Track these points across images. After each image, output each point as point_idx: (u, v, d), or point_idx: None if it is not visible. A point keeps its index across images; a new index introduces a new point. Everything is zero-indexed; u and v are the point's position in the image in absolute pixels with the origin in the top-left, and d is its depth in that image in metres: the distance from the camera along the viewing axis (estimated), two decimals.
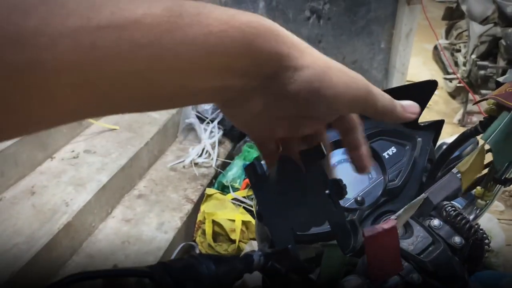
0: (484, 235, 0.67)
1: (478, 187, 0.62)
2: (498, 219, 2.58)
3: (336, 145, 0.74)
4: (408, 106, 0.38)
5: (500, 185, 0.61)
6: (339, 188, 0.41)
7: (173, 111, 2.59)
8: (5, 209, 1.71)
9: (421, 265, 0.59)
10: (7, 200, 1.76)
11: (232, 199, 2.12)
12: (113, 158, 2.07)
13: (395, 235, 0.55)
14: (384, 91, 0.72)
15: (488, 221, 2.27)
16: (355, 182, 0.71)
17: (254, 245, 1.92)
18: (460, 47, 3.99)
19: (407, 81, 3.06)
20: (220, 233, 2.02)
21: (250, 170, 0.39)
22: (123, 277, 0.31)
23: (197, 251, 2.05)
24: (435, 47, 4.14)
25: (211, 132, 2.59)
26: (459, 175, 0.61)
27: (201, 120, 2.62)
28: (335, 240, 0.40)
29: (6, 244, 1.55)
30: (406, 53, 2.55)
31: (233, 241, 1.97)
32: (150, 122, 2.44)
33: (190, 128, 2.65)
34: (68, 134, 2.14)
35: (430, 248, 0.62)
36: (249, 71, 0.29)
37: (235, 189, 2.19)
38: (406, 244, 0.62)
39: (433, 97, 3.28)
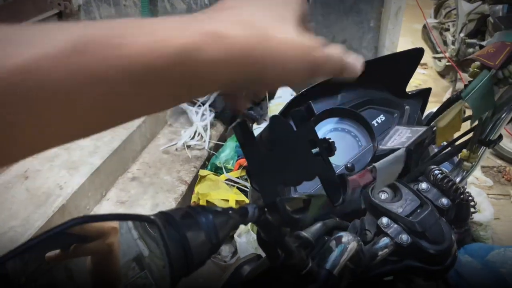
0: (470, 197, 0.69)
1: (464, 150, 0.65)
2: (487, 194, 2.63)
3: (329, 114, 0.76)
4: (354, 60, 0.37)
5: (484, 147, 0.63)
6: (329, 145, 0.43)
7: None
8: (0, 193, 1.72)
9: (410, 226, 0.61)
10: (0, 185, 1.76)
11: (226, 179, 2.13)
12: (105, 142, 2.07)
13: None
14: (372, 60, 0.73)
15: (477, 195, 2.32)
16: (345, 150, 0.73)
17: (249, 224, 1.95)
18: (448, 26, 4.00)
19: None
20: None
21: (238, 128, 0.40)
22: (126, 220, 0.33)
23: None
24: (424, 27, 4.15)
25: (203, 115, 2.59)
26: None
27: (192, 103, 2.62)
28: (326, 193, 0.42)
29: (2, 227, 1.56)
30: (395, 31, 2.56)
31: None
32: None
33: (181, 111, 2.65)
34: None
35: (418, 210, 0.64)
36: (191, 87, 0.29)
37: (228, 170, 2.21)
38: (395, 207, 0.64)
39: (423, 76, 3.32)
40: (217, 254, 2.03)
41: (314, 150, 0.42)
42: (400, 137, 0.64)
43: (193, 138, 2.47)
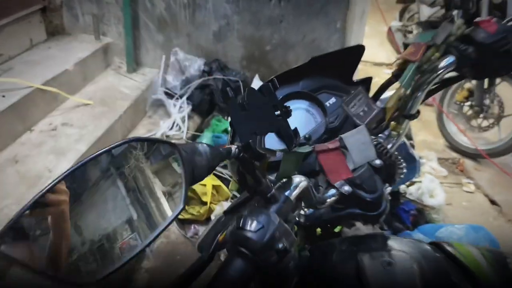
0: (398, 161, 0.89)
1: (392, 122, 0.85)
2: (442, 183, 2.89)
3: (292, 96, 0.95)
4: None
5: (407, 120, 0.83)
6: (287, 110, 0.62)
7: (143, 87, 2.74)
8: None
9: (351, 179, 0.80)
10: None
11: None
12: (89, 130, 2.21)
13: (338, 151, 0.77)
14: (317, 57, 0.93)
15: (431, 182, 2.57)
16: (304, 124, 0.92)
17: (224, 206, 2.13)
18: (411, 28, 4.28)
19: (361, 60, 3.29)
20: (192, 197, 2.21)
21: (224, 93, 0.58)
22: (163, 143, 0.51)
23: None
24: (389, 29, 4.42)
25: (181, 107, 2.75)
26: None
27: (170, 96, 2.77)
28: (284, 142, 0.60)
29: None
30: (359, 32, 2.78)
31: (205, 203, 2.16)
32: (122, 98, 2.58)
33: (159, 104, 2.80)
34: (45, 108, 2.26)
35: (358, 168, 0.83)
36: None
37: None
38: None
39: (388, 76, 3.54)
40: (195, 234, 2.20)
41: (276, 112, 0.61)
42: (359, 105, 0.83)
43: (171, 128, 2.63)
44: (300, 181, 0.68)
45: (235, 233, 0.56)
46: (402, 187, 2.51)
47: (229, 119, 2.77)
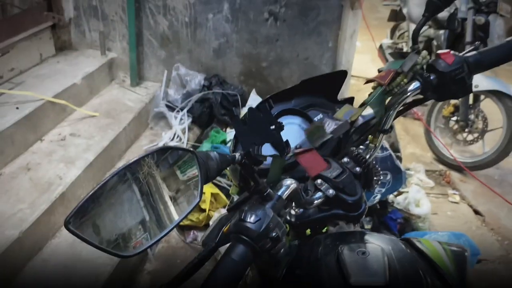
0: (375, 169, 1.04)
1: (370, 136, 1.00)
2: (428, 193, 3.04)
3: (285, 112, 1.10)
4: None
5: (381, 134, 0.98)
6: (279, 125, 0.77)
7: (146, 100, 2.89)
8: (6, 182, 1.97)
9: (335, 184, 0.94)
10: (6, 175, 2.02)
11: None
12: (96, 140, 2.36)
13: (313, 151, 0.91)
14: (307, 79, 1.08)
15: (417, 192, 2.71)
16: (296, 137, 1.07)
17: (222, 213, 2.27)
18: (402, 46, 4.47)
19: (353, 75, 3.48)
20: None
21: (230, 112, 0.74)
22: (181, 150, 0.66)
23: None
24: (380, 46, 4.60)
25: (181, 119, 2.90)
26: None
27: (171, 108, 2.92)
28: (277, 150, 0.75)
29: (12, 209, 1.82)
30: (350, 51, 2.95)
31: (204, 210, 2.30)
32: (126, 110, 2.73)
33: (161, 116, 2.95)
34: (54, 119, 2.41)
35: (341, 175, 0.97)
36: None
37: None
38: (327, 173, 0.97)
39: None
40: (194, 239, 2.34)
41: (271, 127, 0.76)
42: (328, 127, 0.99)
43: (172, 139, 2.78)
44: (290, 183, 0.83)
45: (237, 224, 0.71)
46: (390, 197, 2.66)
47: (228, 131, 2.91)
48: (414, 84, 0.91)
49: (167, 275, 2.15)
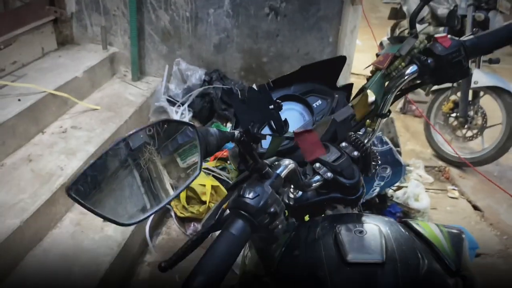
0: (373, 153, 1.05)
1: (367, 120, 1.01)
2: (427, 189, 3.06)
3: (285, 98, 1.11)
4: None
5: (379, 118, 1.00)
6: (279, 105, 0.78)
7: (147, 94, 2.90)
8: (8, 173, 1.99)
9: (333, 167, 0.96)
10: (8, 166, 2.04)
11: (203, 168, 2.46)
12: (97, 133, 2.37)
13: (313, 132, 0.93)
14: (307, 65, 1.10)
15: (416, 187, 2.73)
16: (294, 121, 1.08)
17: None
18: None
19: (352, 73, 3.49)
20: (192, 197, 2.37)
21: (229, 91, 0.75)
22: (183, 124, 0.67)
23: (173, 213, 2.39)
24: (380, 44, 4.61)
25: (182, 114, 2.91)
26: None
27: (172, 103, 2.94)
28: (276, 129, 0.77)
29: (13, 199, 1.83)
30: (351, 46, 2.97)
31: (204, 203, 2.31)
32: (127, 104, 2.75)
33: (162, 111, 2.96)
34: (56, 112, 2.42)
35: (339, 158, 0.98)
36: None
37: (205, 161, 2.54)
38: (325, 156, 0.99)
39: None
40: (195, 231, 2.35)
41: (270, 107, 0.78)
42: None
43: None
44: (289, 163, 0.84)
45: (237, 200, 0.72)
46: (390, 191, 2.67)
47: (228, 125, 2.92)
48: (412, 68, 0.92)
49: None
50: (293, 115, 1.10)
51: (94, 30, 3.01)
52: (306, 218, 1.12)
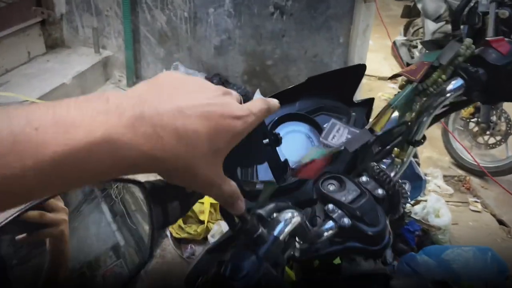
0: (403, 190, 0.82)
1: (395, 149, 0.78)
2: (447, 201, 2.81)
3: (288, 118, 0.89)
4: (238, 206, 0.46)
5: (411, 146, 0.77)
6: (276, 137, 0.56)
7: None
8: None
9: (351, 211, 0.73)
10: None
11: None
12: None
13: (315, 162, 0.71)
14: (315, 76, 0.87)
15: (436, 201, 2.49)
16: (300, 148, 0.86)
17: (222, 225, 2.06)
18: (416, 43, 4.23)
19: (365, 74, 3.24)
20: (189, 216, 2.15)
21: None
22: (125, 183, 0.45)
23: (168, 233, 2.17)
24: (394, 43, 4.36)
25: None
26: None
27: None
28: (272, 175, 0.54)
29: None
30: (363, 47, 2.73)
31: (202, 222, 2.10)
32: None
33: None
34: None
35: (358, 199, 0.76)
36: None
37: None
38: (340, 196, 0.76)
39: (393, 91, 3.49)
40: (192, 254, 2.13)
41: (264, 141, 0.55)
42: (340, 135, 0.77)
43: None
44: (292, 216, 0.61)
45: (216, 281, 0.50)
46: (407, 206, 2.44)
47: None
48: (456, 82, 0.69)
49: None
50: (298, 139, 0.87)
51: (85, 32, 2.80)
52: (316, 262, 0.90)
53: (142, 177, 0.45)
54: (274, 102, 0.47)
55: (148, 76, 2.90)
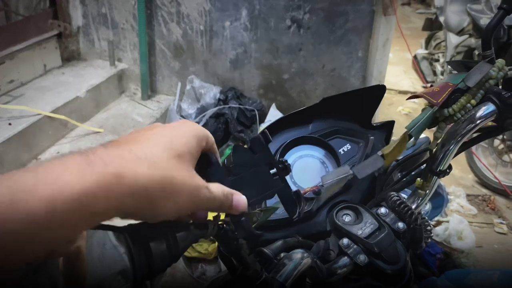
0: (426, 222, 0.75)
1: (418, 179, 0.71)
2: (470, 222, 2.69)
3: (300, 141, 0.82)
4: (235, 204, 0.43)
5: (435, 176, 0.69)
6: (285, 166, 0.49)
7: (157, 115, 2.66)
8: None
9: (368, 247, 0.66)
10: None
11: None
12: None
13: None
14: (341, 94, 0.80)
15: (459, 223, 2.37)
16: (314, 174, 0.79)
17: None
18: (438, 56, 4.12)
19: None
20: None
21: (205, 160, 0.45)
22: (100, 229, 0.39)
23: None
24: (415, 57, 4.27)
25: None
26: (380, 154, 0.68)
27: None
28: (284, 208, 0.48)
29: None
30: (383, 61, 2.65)
31: (214, 241, 2.03)
32: (134, 126, 2.51)
33: None
34: (53, 135, 2.19)
35: (377, 233, 0.69)
36: (92, 224, 0.33)
37: None
38: (356, 229, 0.69)
39: (413, 105, 3.37)
40: (203, 274, 2.07)
41: (272, 171, 0.49)
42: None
43: None
44: (301, 257, 0.55)
45: None
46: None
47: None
48: (487, 108, 0.62)
49: None
50: (312, 165, 0.80)
51: (102, 45, 2.79)
52: None
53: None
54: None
55: (163, 89, 2.88)
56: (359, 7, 2.38)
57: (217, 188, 0.41)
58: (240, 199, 0.43)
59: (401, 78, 4.63)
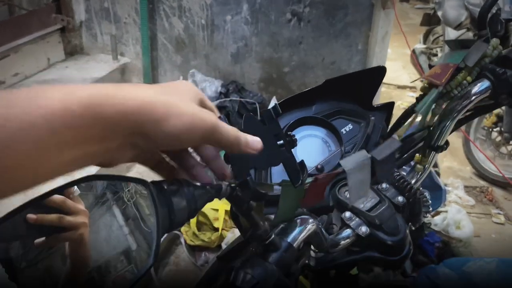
0: (425, 198, 0.78)
1: (417, 154, 0.74)
2: (469, 212, 2.73)
3: (304, 121, 0.86)
4: (251, 142, 0.44)
5: (433, 152, 0.73)
6: (291, 139, 0.53)
7: None
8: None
9: (369, 219, 0.70)
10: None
11: None
12: None
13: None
14: (343, 76, 0.83)
15: (457, 213, 2.41)
16: (316, 153, 0.83)
17: (236, 233, 2.03)
18: (436, 51, 4.16)
19: (384, 83, 3.20)
20: (204, 223, 2.12)
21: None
22: (126, 181, 0.43)
23: (182, 241, 2.15)
24: (413, 51, 4.30)
25: None
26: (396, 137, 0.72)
27: None
28: (288, 177, 0.51)
29: None
30: (382, 54, 2.69)
31: (217, 229, 2.07)
32: None
33: None
34: None
35: (377, 206, 0.72)
36: (105, 136, 0.33)
37: None
38: (358, 203, 0.73)
39: (411, 99, 3.42)
40: (206, 262, 2.10)
41: (279, 142, 0.52)
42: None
43: None
44: (307, 222, 0.58)
45: None
46: (427, 217, 2.37)
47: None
48: (482, 84, 0.66)
49: None
50: (315, 144, 0.84)
51: (104, 39, 2.82)
52: (332, 272, 0.86)
53: (147, 178, 0.43)
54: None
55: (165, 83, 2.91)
56: (359, 1, 2.42)
57: (229, 126, 0.42)
58: (255, 138, 0.45)
59: (400, 73, 4.67)
